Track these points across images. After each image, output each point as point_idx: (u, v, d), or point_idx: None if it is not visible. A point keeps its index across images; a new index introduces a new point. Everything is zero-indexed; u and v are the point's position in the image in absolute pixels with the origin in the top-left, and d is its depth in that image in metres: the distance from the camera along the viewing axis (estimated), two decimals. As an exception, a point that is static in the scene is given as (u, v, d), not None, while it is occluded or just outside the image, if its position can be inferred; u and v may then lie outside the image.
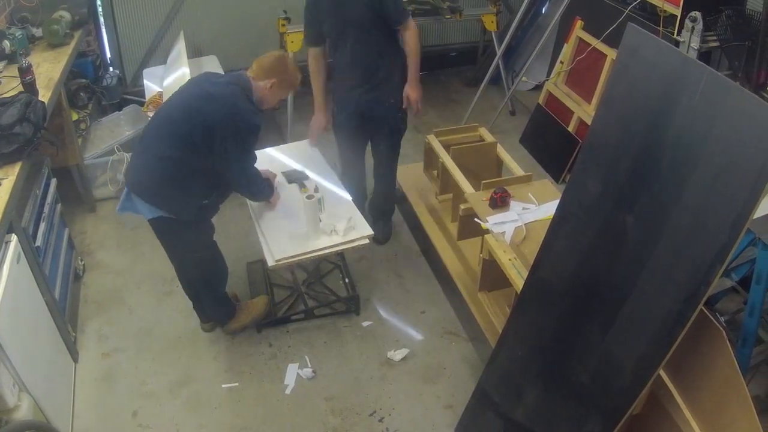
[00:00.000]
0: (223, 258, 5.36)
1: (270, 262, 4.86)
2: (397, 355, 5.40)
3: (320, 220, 5.05)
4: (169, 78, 6.91)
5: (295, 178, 5.61)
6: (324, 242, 4.98)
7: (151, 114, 6.52)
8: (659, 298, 3.30)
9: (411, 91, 5.86)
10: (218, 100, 4.53)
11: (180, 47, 7.02)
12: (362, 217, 5.26)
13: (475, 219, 5.10)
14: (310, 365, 5.32)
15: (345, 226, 5.01)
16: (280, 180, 5.53)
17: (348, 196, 5.48)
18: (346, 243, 5.02)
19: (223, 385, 5.19)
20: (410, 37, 5.69)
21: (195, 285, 5.35)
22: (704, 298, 3.13)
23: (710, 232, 3.07)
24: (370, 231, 5.13)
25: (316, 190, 5.39)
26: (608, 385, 3.59)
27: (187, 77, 6.22)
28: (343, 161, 6.36)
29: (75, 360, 5.28)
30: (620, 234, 3.52)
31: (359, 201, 6.02)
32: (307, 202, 4.93)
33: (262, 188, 5.08)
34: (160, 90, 6.85)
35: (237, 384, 5.20)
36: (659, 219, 3.29)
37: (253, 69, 4.81)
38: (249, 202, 5.36)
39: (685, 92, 3.19)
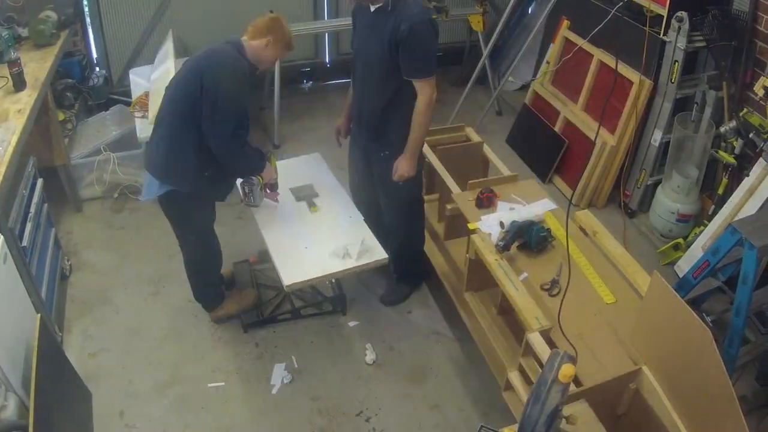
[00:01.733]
0: (220, 247, 5.39)
1: (284, 284, 4.84)
2: (369, 355, 5.44)
3: None
4: (155, 72, 6.91)
5: (304, 195, 5.58)
6: (337, 266, 4.92)
7: (138, 114, 6.54)
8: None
9: (401, 163, 5.15)
10: (212, 53, 4.66)
11: (168, 45, 7.02)
12: (375, 238, 5.18)
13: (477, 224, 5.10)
14: (296, 364, 5.32)
15: (358, 249, 4.96)
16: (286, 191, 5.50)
17: (360, 215, 5.40)
18: (360, 266, 4.98)
19: (210, 385, 5.19)
20: (418, 103, 4.92)
21: (189, 265, 5.39)
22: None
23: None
24: (384, 255, 5.04)
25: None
26: None
27: (172, 73, 6.22)
28: (351, 185, 6.00)
29: (61, 360, 5.27)
30: None
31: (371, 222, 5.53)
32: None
33: (247, 160, 4.94)
34: (146, 90, 6.84)
35: (223, 384, 5.20)
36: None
37: (248, 31, 4.81)
38: (256, 218, 5.31)
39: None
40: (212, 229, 5.26)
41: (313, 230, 5.15)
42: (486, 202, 5.13)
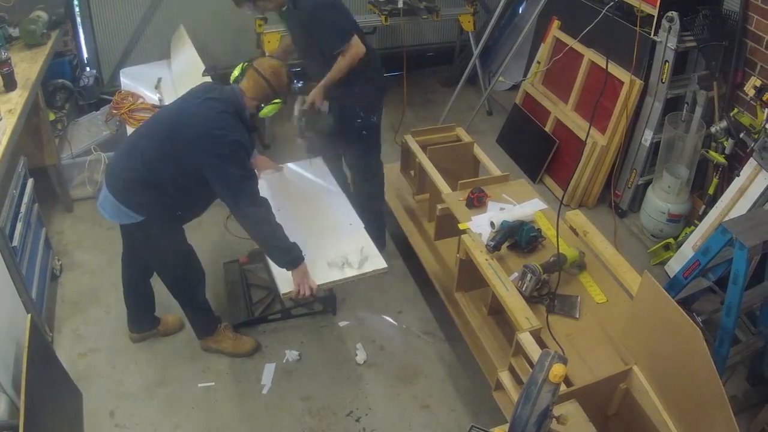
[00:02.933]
0: (198, 263, 5.16)
1: (280, 292, 4.78)
2: (359, 355, 5.44)
3: None
4: (175, 64, 7.28)
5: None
6: (336, 275, 4.84)
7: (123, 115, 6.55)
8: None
9: (313, 90, 5.47)
10: (195, 119, 4.36)
11: (181, 36, 7.12)
12: (374, 246, 5.12)
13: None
14: (287, 364, 5.32)
15: (358, 258, 4.91)
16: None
17: (360, 223, 5.33)
18: (358, 276, 4.91)
19: (200, 385, 5.18)
20: (345, 57, 5.24)
21: (174, 290, 5.20)
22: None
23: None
24: (384, 264, 4.96)
25: None
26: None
27: (198, 60, 6.56)
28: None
29: (52, 360, 5.26)
30: None
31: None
32: None
33: (275, 231, 4.59)
34: (133, 91, 6.84)
35: (213, 384, 5.19)
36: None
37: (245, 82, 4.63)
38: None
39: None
40: (187, 246, 5.02)
41: (312, 236, 5.03)
42: (476, 202, 5.14)
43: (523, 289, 4.38)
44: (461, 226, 4.97)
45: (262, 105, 4.67)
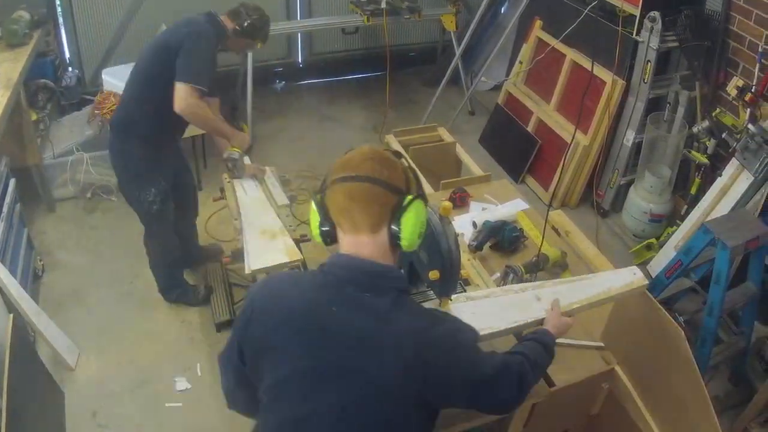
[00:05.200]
0: (176, 240, 5.48)
1: (247, 270, 4.46)
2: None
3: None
4: None
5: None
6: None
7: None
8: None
9: None
10: (186, 26, 4.81)
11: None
12: None
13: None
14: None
15: None
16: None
17: None
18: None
19: (182, 385, 5.17)
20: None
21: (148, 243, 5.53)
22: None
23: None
24: None
25: None
26: None
27: None
28: None
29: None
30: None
31: None
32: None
33: (207, 116, 4.79)
34: (115, 91, 6.83)
35: (196, 383, 5.18)
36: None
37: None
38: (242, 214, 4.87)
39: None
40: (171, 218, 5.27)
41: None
42: (459, 201, 5.13)
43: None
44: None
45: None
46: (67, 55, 7.92)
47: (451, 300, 3.22)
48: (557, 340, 3.11)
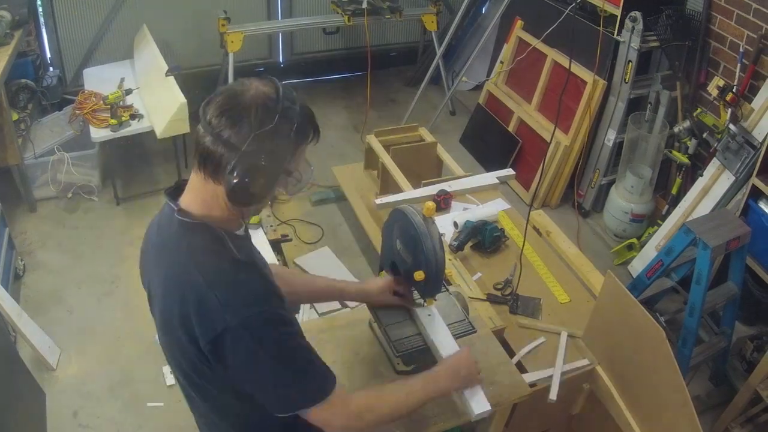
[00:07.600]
0: None
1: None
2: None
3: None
4: (139, 65, 7.24)
5: None
6: None
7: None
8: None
9: None
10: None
11: (145, 37, 7.10)
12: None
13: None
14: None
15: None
16: None
17: None
18: None
19: (164, 385, 5.14)
20: None
21: None
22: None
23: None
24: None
25: None
26: None
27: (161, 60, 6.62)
28: None
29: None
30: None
31: None
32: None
33: None
34: (96, 90, 6.81)
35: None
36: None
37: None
38: None
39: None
40: None
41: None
42: (443, 204, 5.13)
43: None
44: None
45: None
46: (48, 55, 7.88)
47: (435, 300, 3.20)
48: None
